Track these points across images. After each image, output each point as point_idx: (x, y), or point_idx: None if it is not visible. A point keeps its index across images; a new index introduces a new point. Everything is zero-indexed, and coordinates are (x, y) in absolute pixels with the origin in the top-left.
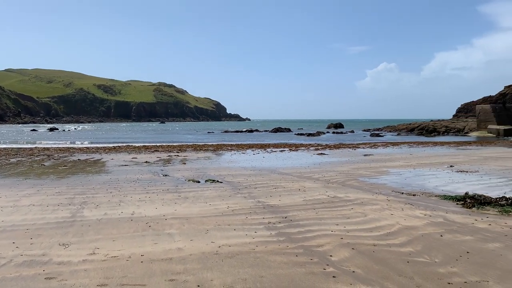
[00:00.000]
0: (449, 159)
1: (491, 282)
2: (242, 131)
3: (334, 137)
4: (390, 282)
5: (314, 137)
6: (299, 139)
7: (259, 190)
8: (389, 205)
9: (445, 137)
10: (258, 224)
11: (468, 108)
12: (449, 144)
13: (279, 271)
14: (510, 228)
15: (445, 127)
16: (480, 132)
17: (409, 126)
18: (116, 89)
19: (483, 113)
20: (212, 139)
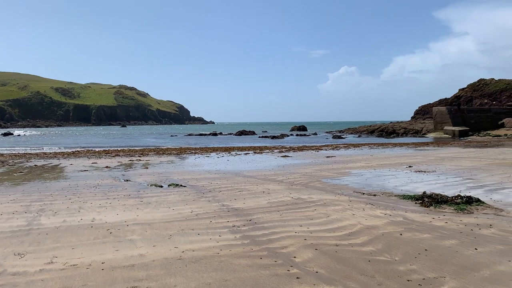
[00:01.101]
0: (408, 159)
1: (448, 278)
2: (206, 134)
3: (297, 139)
4: (352, 281)
5: (278, 140)
6: (264, 142)
7: (224, 193)
8: (350, 205)
9: (404, 138)
10: (222, 227)
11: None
12: (408, 145)
13: (244, 274)
14: (465, 225)
15: (404, 129)
16: (436, 133)
17: (370, 128)
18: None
19: (439, 115)
20: (176, 143)
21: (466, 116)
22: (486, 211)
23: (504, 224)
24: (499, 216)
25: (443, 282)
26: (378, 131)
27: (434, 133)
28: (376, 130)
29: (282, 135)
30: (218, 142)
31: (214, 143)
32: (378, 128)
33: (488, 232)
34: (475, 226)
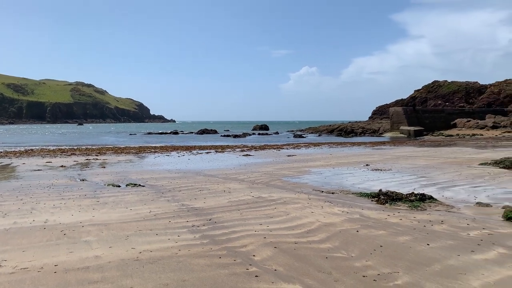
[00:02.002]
0: (365, 158)
1: (401, 273)
2: (166, 132)
3: (259, 138)
4: (310, 278)
5: (240, 139)
6: (226, 141)
7: (184, 193)
8: (310, 203)
9: (362, 137)
10: (181, 227)
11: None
12: (366, 144)
13: (202, 274)
14: (419, 222)
15: (362, 128)
16: (393, 133)
17: (330, 127)
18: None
19: (395, 115)
20: (135, 141)
21: (421, 117)
22: (438, 208)
23: (454, 220)
24: (450, 212)
25: (397, 277)
26: (338, 131)
27: (390, 132)
28: (335, 130)
29: (244, 134)
30: (179, 141)
31: (175, 142)
32: (338, 128)
33: (440, 228)
34: (428, 222)
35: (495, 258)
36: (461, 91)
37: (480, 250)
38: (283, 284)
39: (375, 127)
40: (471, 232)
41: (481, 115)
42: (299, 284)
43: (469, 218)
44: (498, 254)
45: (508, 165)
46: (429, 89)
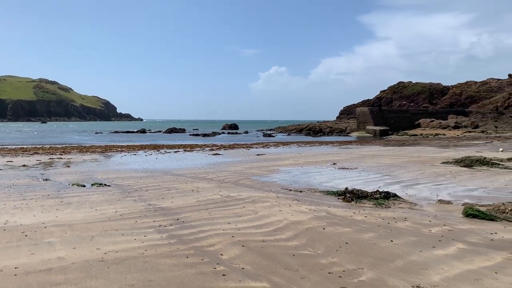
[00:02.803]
0: (333, 157)
1: (366, 269)
2: (133, 131)
3: (229, 137)
4: (276, 276)
5: (209, 138)
6: (194, 140)
7: (151, 192)
8: (278, 201)
9: (330, 137)
10: (148, 227)
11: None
12: (333, 143)
13: (169, 274)
14: (383, 219)
15: (330, 128)
16: (359, 132)
17: (298, 127)
18: None
19: (362, 115)
20: (101, 140)
21: (386, 117)
22: (402, 205)
23: (417, 217)
24: (413, 210)
25: (361, 273)
26: (306, 130)
27: (357, 132)
28: (304, 129)
29: (213, 133)
30: (146, 139)
31: (142, 141)
32: (306, 127)
33: (403, 225)
34: (392, 219)
35: (454, 253)
36: (425, 92)
37: (440, 246)
38: (250, 283)
39: (343, 126)
40: (433, 229)
41: (443, 115)
42: (266, 282)
43: (431, 215)
44: (458, 249)
45: (468, 164)
46: (395, 89)
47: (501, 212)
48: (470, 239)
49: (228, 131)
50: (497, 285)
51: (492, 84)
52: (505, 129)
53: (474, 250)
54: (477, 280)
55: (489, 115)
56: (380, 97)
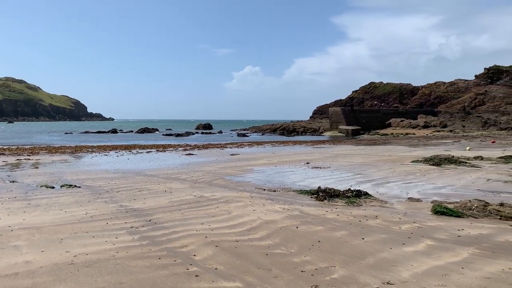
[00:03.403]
0: (306, 156)
1: (338, 267)
2: (105, 131)
3: (203, 137)
4: (250, 276)
5: (182, 138)
6: (167, 140)
7: (122, 193)
8: (252, 201)
9: (303, 136)
10: (119, 229)
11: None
12: (307, 143)
13: (141, 276)
14: (354, 217)
15: (303, 128)
16: (332, 132)
17: (272, 126)
18: None
19: (334, 115)
20: (70, 141)
21: (358, 116)
22: (373, 204)
23: (387, 215)
24: (384, 207)
25: (333, 271)
26: (280, 130)
27: (330, 131)
28: (278, 129)
29: (187, 133)
30: (118, 140)
31: (114, 141)
32: (280, 127)
33: (374, 222)
34: (363, 217)
35: (423, 250)
36: (395, 92)
37: (410, 243)
38: (223, 283)
39: (316, 126)
40: (403, 226)
41: (413, 115)
42: (239, 281)
43: (401, 212)
44: (427, 246)
45: (437, 163)
46: (366, 90)
47: (468, 209)
48: (438, 236)
49: (202, 131)
50: (464, 280)
51: (460, 85)
52: (472, 128)
53: (442, 246)
54: (445, 275)
55: (457, 115)
56: (352, 97)
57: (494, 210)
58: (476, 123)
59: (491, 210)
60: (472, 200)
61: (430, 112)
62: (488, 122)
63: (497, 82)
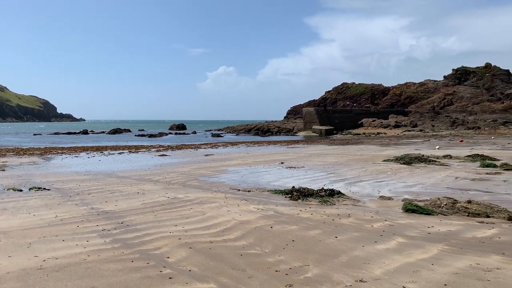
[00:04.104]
0: (281, 156)
1: (311, 266)
2: (75, 132)
3: (176, 138)
4: (224, 277)
5: (156, 138)
6: (140, 141)
7: (94, 196)
8: (226, 202)
9: (278, 136)
10: (91, 232)
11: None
12: (281, 143)
13: (113, 279)
14: (328, 216)
15: (278, 128)
16: (306, 132)
17: (247, 127)
18: None
19: (308, 115)
20: (39, 142)
21: (331, 116)
22: (346, 202)
23: (360, 213)
24: (356, 206)
25: (307, 270)
26: (255, 130)
27: (304, 131)
28: (253, 129)
29: (160, 133)
30: (89, 141)
31: (85, 142)
32: (255, 127)
33: (347, 221)
34: (336, 216)
35: (395, 247)
36: (367, 92)
37: (382, 241)
38: (197, 284)
39: (290, 126)
40: (375, 224)
41: (385, 115)
42: (213, 283)
43: (373, 211)
44: (398, 243)
45: (407, 161)
46: (339, 90)
47: (437, 207)
48: (409, 233)
49: (175, 131)
50: (434, 276)
51: (429, 85)
52: (441, 127)
53: (412, 243)
54: (415, 272)
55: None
56: (325, 98)
57: (462, 207)
58: (445, 123)
59: (459, 207)
60: (441, 198)
61: (400, 112)
62: (456, 121)
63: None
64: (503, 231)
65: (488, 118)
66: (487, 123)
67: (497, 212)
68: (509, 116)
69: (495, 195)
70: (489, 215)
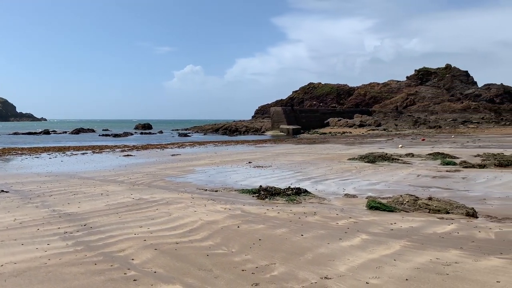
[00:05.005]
0: (248, 156)
1: (277, 264)
2: (36, 132)
3: (142, 137)
4: (190, 277)
5: (121, 138)
6: (105, 141)
7: (55, 197)
8: (193, 202)
9: (246, 136)
10: (52, 235)
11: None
12: (249, 142)
13: (75, 283)
14: (294, 214)
15: (246, 127)
16: (274, 131)
17: (215, 126)
18: None
19: (276, 115)
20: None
21: (298, 116)
22: (312, 201)
23: (325, 211)
24: (322, 204)
25: (274, 268)
26: (223, 130)
27: (271, 131)
28: (220, 129)
29: (125, 133)
30: (51, 141)
31: (46, 143)
32: (223, 127)
33: (313, 219)
34: (303, 214)
35: (359, 244)
36: (333, 92)
37: (346, 238)
38: (162, 286)
39: (258, 126)
40: (340, 221)
41: (350, 114)
42: (179, 284)
43: (338, 208)
44: (362, 240)
45: (371, 160)
46: (306, 90)
47: (400, 204)
48: (373, 230)
49: (141, 131)
50: (396, 271)
51: (393, 85)
52: (404, 127)
53: (376, 240)
54: (378, 267)
55: (390, 114)
56: (293, 97)
57: (423, 204)
58: (407, 122)
59: (421, 204)
60: (403, 195)
61: (365, 111)
62: (418, 121)
63: (426, 83)
64: (461, 227)
65: (448, 117)
66: (447, 122)
67: (456, 208)
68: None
69: (454, 191)
70: (448, 211)
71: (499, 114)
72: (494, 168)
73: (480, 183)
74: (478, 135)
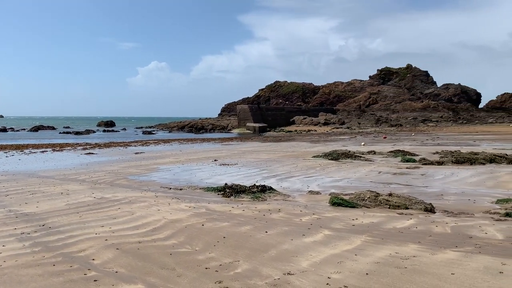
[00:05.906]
0: (214, 153)
1: (241, 261)
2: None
3: (105, 135)
4: (152, 277)
5: (82, 136)
6: (65, 138)
7: (12, 197)
8: (156, 201)
9: (212, 134)
10: (7, 236)
11: (230, 107)
12: (215, 140)
13: (32, 285)
14: (259, 211)
15: (212, 125)
16: (240, 129)
17: (180, 124)
18: None
19: (242, 112)
20: None
21: (265, 114)
22: (277, 198)
23: (290, 208)
24: (287, 201)
25: (237, 265)
26: (189, 127)
27: (238, 129)
28: (186, 126)
29: (87, 131)
30: (7, 139)
31: (3, 140)
32: (188, 124)
33: (277, 216)
34: (267, 211)
35: (321, 240)
36: (298, 91)
37: (309, 234)
38: (124, 286)
39: (224, 123)
40: (303, 218)
41: (315, 113)
42: (141, 283)
43: (302, 205)
44: (324, 236)
45: (335, 157)
46: (272, 88)
47: (361, 200)
48: (335, 226)
49: (104, 128)
50: (357, 266)
51: (356, 85)
52: (367, 125)
53: (338, 235)
54: (340, 262)
55: (353, 113)
56: (259, 95)
57: (384, 200)
58: (370, 120)
59: (381, 200)
60: (365, 191)
61: (330, 110)
62: (380, 119)
63: (388, 82)
64: (419, 222)
65: (409, 116)
66: (408, 120)
67: (415, 204)
68: (427, 114)
69: (413, 188)
70: (408, 207)
71: (457, 113)
72: (452, 165)
73: (438, 180)
74: (437, 133)
